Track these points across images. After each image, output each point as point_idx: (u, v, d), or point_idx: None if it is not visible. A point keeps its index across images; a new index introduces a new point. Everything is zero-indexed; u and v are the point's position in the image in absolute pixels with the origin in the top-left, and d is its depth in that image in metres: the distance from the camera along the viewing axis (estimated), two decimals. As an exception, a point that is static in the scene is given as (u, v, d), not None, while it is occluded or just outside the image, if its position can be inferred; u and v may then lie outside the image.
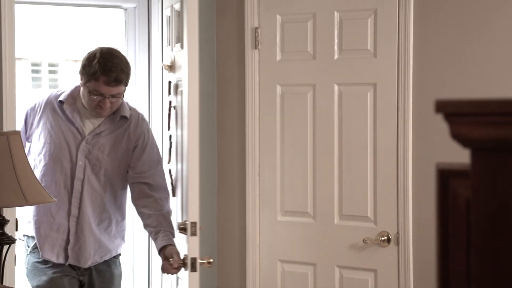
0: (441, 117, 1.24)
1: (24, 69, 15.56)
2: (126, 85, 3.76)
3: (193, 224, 3.67)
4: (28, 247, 3.92)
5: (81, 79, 3.77)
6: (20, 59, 14.35)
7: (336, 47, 4.13)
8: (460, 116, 1.19)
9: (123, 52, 4.72)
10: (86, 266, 3.86)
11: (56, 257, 3.84)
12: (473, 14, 3.81)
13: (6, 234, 3.64)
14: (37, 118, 3.85)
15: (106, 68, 3.68)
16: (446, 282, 1.21)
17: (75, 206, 3.80)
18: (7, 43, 3.82)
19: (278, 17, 4.28)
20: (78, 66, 3.83)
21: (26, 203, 3.49)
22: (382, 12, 4.00)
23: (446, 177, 1.23)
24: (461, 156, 1.67)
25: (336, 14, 4.12)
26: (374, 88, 4.04)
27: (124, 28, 4.77)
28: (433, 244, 3.65)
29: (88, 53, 3.78)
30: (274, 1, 4.29)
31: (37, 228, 3.84)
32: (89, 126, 3.84)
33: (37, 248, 3.88)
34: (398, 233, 3.99)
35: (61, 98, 3.83)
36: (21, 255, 3.92)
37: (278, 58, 4.29)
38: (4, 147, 3.49)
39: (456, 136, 1.19)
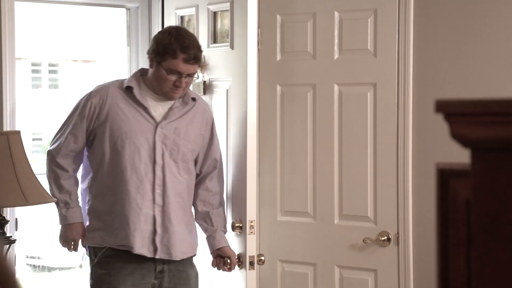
0: (441, 117, 1.24)
1: (24, 69, 15.56)
2: (199, 64, 3.67)
3: (252, 222, 3.94)
4: (94, 258, 3.69)
5: (153, 60, 3.60)
6: (20, 59, 14.35)
7: (336, 47, 4.13)
8: (460, 116, 1.19)
9: (125, 52, 4.74)
10: (178, 259, 3.67)
11: (147, 251, 3.61)
12: (473, 14, 3.81)
13: (6, 234, 3.64)
14: (105, 111, 3.61)
15: (184, 46, 3.55)
16: (446, 282, 1.21)
17: (158, 195, 3.62)
18: (7, 43, 3.82)
19: (278, 17, 4.29)
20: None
21: (26, 203, 3.50)
22: (382, 12, 4.00)
23: (446, 177, 1.23)
24: (461, 156, 1.67)
25: (336, 14, 4.13)
26: (374, 88, 4.04)
27: (126, 28, 4.76)
28: (433, 244, 3.65)
29: (160, 32, 3.67)
30: (274, 1, 4.29)
31: (125, 222, 3.58)
32: (159, 110, 3.67)
33: (106, 258, 3.64)
34: (398, 233, 3.99)
35: (128, 84, 3.63)
36: (21, 255, 3.91)
37: (278, 58, 4.29)
38: (4, 147, 3.49)
39: (456, 136, 1.19)
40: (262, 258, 4.13)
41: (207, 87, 4.27)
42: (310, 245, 4.21)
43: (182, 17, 4.47)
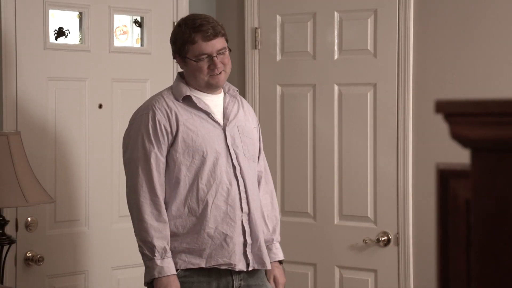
0: (441, 117, 1.24)
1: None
2: (226, 37, 3.34)
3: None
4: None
5: (179, 59, 3.34)
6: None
7: (336, 47, 4.13)
8: (460, 116, 1.19)
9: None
10: (270, 267, 3.38)
11: (243, 264, 3.31)
12: (473, 14, 3.81)
13: (6, 235, 3.64)
14: (174, 128, 3.26)
15: (196, 26, 3.27)
16: (446, 282, 1.22)
17: (244, 202, 3.31)
18: (7, 42, 3.82)
19: (278, 17, 4.29)
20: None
21: (26, 203, 3.49)
22: (382, 12, 4.01)
23: (446, 177, 1.23)
24: (461, 156, 1.67)
25: (336, 14, 4.13)
26: (374, 88, 4.04)
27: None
28: (433, 244, 3.63)
29: (172, 31, 3.40)
30: (274, 1, 4.30)
31: (222, 238, 3.28)
32: (216, 110, 3.36)
33: (180, 279, 3.25)
34: (398, 233, 4.00)
35: (186, 93, 3.30)
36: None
37: (278, 58, 4.30)
38: (4, 147, 3.49)
39: (456, 136, 1.19)
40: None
41: None
42: (310, 245, 4.22)
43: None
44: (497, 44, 3.76)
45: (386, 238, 4.02)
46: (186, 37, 3.27)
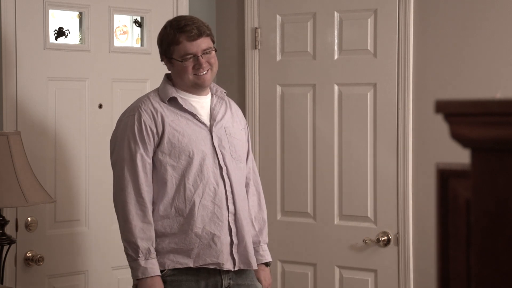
0: (441, 117, 1.24)
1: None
2: (212, 38, 3.37)
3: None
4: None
5: (165, 60, 3.37)
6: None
7: (336, 47, 4.14)
8: (460, 116, 1.19)
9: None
10: (256, 268, 3.40)
11: (230, 264, 3.33)
12: (473, 14, 3.82)
13: (6, 235, 3.64)
14: (160, 128, 3.29)
15: (180, 27, 3.31)
16: (446, 282, 1.22)
17: (231, 202, 3.32)
18: (7, 42, 3.82)
19: (278, 17, 4.29)
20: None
21: (26, 203, 3.50)
22: (382, 12, 4.01)
23: (446, 177, 1.23)
24: (461, 156, 1.67)
25: (336, 14, 4.13)
26: (374, 88, 4.04)
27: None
28: (433, 244, 3.63)
29: (158, 34, 3.43)
30: (274, 1, 4.30)
31: (209, 238, 3.29)
32: (203, 112, 3.38)
33: (169, 277, 3.28)
34: (398, 233, 4.00)
35: (171, 95, 3.33)
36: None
37: (278, 58, 4.30)
38: (4, 147, 3.50)
39: (456, 136, 1.19)
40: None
41: None
42: (310, 245, 4.22)
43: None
44: (497, 44, 3.77)
45: (386, 238, 4.02)
46: (171, 38, 3.32)
